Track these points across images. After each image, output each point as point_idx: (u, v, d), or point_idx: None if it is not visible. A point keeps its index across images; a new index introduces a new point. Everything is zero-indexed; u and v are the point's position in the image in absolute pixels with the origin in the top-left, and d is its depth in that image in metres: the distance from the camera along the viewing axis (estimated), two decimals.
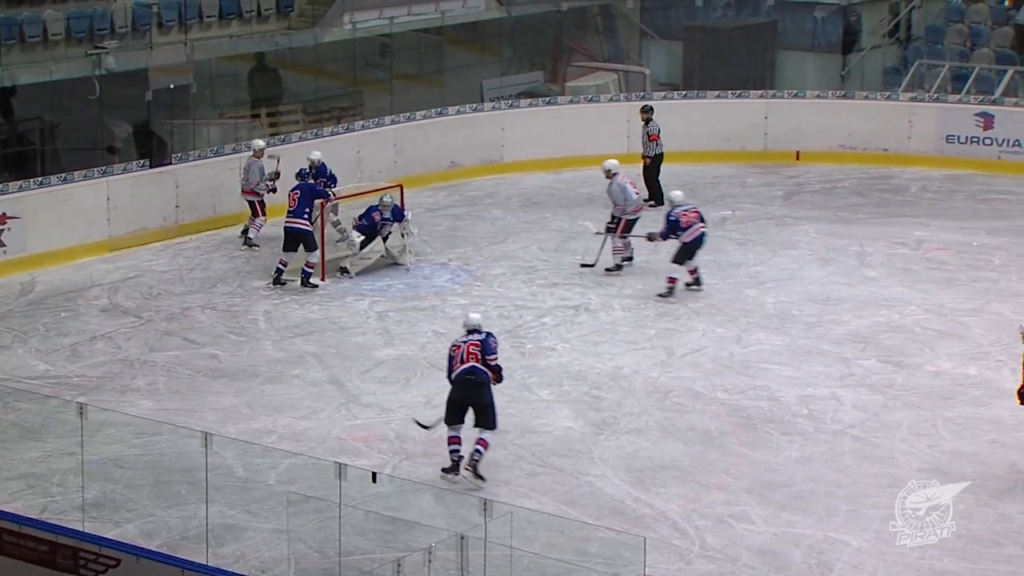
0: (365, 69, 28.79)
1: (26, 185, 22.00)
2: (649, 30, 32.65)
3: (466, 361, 14.84)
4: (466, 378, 14.83)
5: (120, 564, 12.86)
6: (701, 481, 15.11)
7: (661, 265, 21.49)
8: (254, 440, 15.39)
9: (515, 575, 11.97)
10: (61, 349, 18.60)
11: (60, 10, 24.63)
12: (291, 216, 20.58)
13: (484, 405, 14.82)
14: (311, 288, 20.48)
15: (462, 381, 14.86)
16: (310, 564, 12.99)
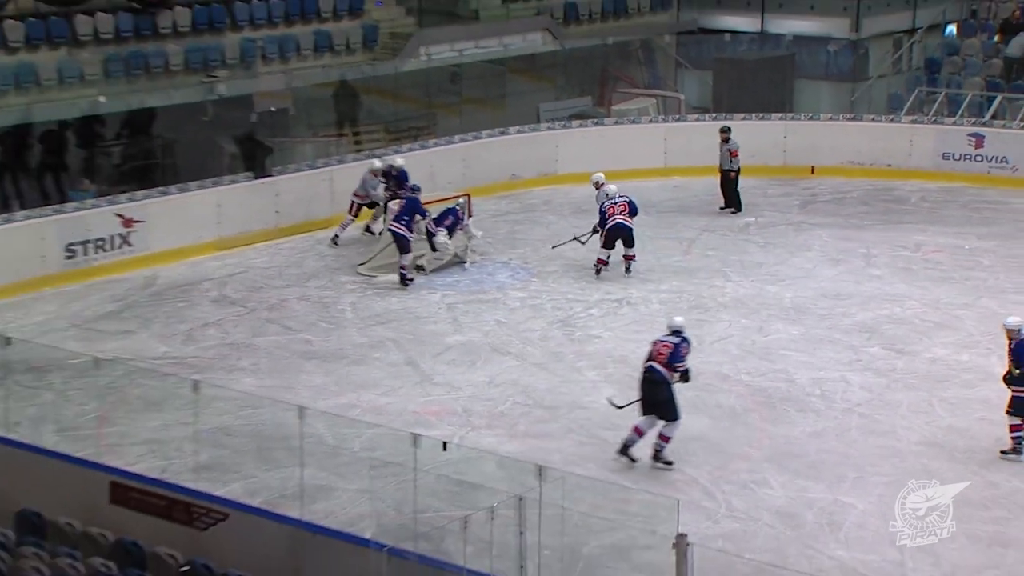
0: (438, 94, 28.85)
1: (150, 194, 22.14)
2: (683, 61, 32.58)
3: (653, 360, 14.55)
4: (645, 376, 14.59)
5: (227, 518, 12.93)
6: (727, 451, 15.06)
7: (694, 264, 21.45)
8: (341, 413, 15.44)
9: (565, 532, 11.94)
10: (178, 334, 18.71)
11: (180, 44, 24.77)
12: (393, 221, 20.55)
13: (660, 402, 14.50)
14: (408, 284, 20.37)
15: (643, 379, 14.62)
16: (389, 520, 13.01)
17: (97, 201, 21.54)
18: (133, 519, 13.23)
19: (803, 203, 24.85)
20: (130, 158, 25.32)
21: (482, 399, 16.46)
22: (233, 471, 14.44)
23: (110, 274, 20.88)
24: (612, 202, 20.85)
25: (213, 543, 12.86)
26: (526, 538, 11.32)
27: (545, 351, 18.03)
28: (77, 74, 23.43)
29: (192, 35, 25.13)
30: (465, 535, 11.16)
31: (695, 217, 24.07)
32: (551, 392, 16.67)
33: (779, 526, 13.44)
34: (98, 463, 14.04)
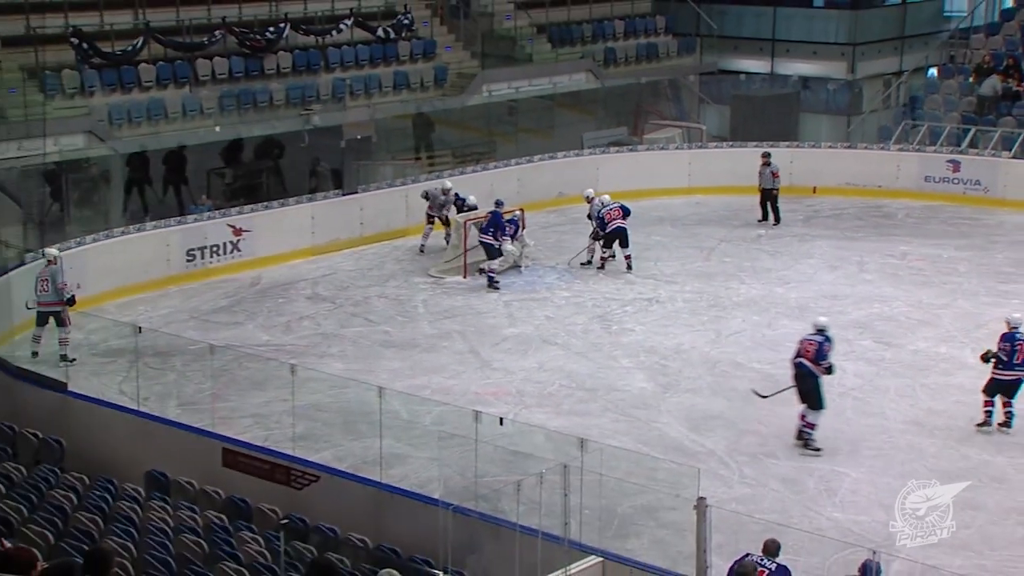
0: (497, 125, 28.84)
1: (256, 207, 22.27)
2: (705, 97, 32.42)
3: (801, 356, 14.29)
4: (796, 372, 14.34)
5: (320, 480, 13.03)
6: (741, 428, 14.98)
7: (713, 269, 21.35)
8: (414, 393, 15.47)
9: (603, 495, 11.94)
10: (278, 325, 18.82)
11: (282, 83, 24.89)
12: (481, 232, 20.45)
13: (806, 391, 14.25)
14: (495, 290, 20.14)
15: (794, 374, 14.38)
16: (454, 483, 13.04)
17: (213, 214, 21.70)
18: (241, 479, 13.35)
19: (806, 218, 24.65)
20: (240, 178, 25.53)
21: (533, 382, 16.45)
22: (324, 440, 14.51)
23: (223, 275, 21.04)
24: (608, 209, 21.02)
25: (307, 501, 12.96)
26: (570, 499, 11.30)
27: (586, 342, 18.00)
28: (197, 108, 23.61)
29: (292, 75, 25.25)
30: (518, 496, 11.18)
31: (714, 229, 23.95)
32: (591, 376, 16.64)
33: (784, 491, 13.36)
34: (212, 432, 14.20)
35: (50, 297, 16.83)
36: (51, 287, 16.80)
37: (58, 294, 16.76)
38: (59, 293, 16.76)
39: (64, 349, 16.71)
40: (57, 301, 16.80)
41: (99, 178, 23.64)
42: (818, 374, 14.28)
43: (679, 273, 21.15)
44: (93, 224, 21.58)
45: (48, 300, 16.85)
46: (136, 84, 23.17)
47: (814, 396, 14.26)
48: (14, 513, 10.93)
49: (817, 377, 14.27)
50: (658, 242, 23.06)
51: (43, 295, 16.85)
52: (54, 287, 16.79)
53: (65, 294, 16.80)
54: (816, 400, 14.26)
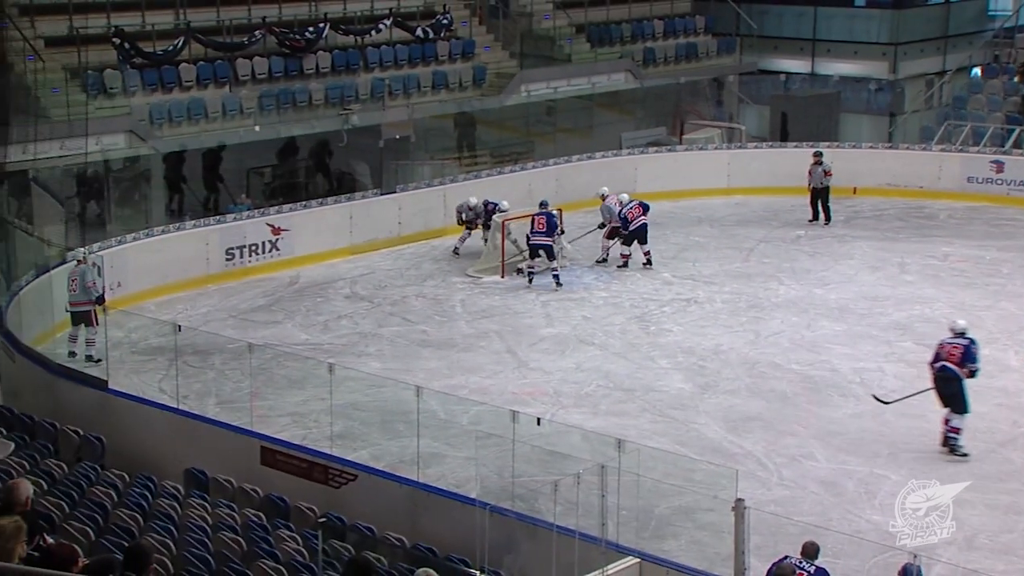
0: (535, 125, 28.85)
1: (294, 207, 22.38)
2: (745, 97, 32.29)
3: (945, 360, 14.14)
4: (938, 375, 14.19)
5: (357, 478, 13.07)
6: (779, 429, 14.91)
7: (752, 270, 21.26)
8: (451, 392, 15.51)
9: (640, 495, 11.91)
10: (316, 324, 18.91)
11: (321, 83, 25.00)
12: (537, 235, 20.32)
13: (950, 395, 14.11)
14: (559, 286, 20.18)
15: (936, 377, 14.21)
16: (491, 483, 13.02)
17: (252, 213, 21.82)
18: (279, 478, 13.42)
19: (847, 219, 24.48)
20: (279, 177, 25.67)
21: (570, 382, 16.44)
22: (361, 439, 14.56)
23: (261, 274, 21.17)
24: (630, 207, 21.13)
25: (345, 499, 13.01)
26: (607, 500, 11.30)
27: (624, 342, 17.97)
28: (237, 107, 23.76)
29: (331, 75, 25.35)
30: (555, 497, 11.17)
31: (753, 229, 23.84)
32: (629, 377, 16.61)
33: (823, 493, 13.28)
34: (251, 430, 14.27)
35: (79, 297, 16.95)
36: (79, 286, 16.91)
37: (87, 293, 16.86)
38: (87, 292, 16.85)
39: (90, 349, 16.81)
40: (86, 301, 16.89)
41: (140, 177, 23.84)
42: (962, 377, 14.10)
43: (718, 274, 21.06)
44: (134, 223, 21.77)
45: (77, 300, 16.98)
46: (177, 84, 23.36)
47: (959, 400, 14.08)
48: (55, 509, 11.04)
49: (961, 380, 14.09)
50: (696, 243, 22.98)
51: (72, 295, 16.99)
52: (83, 286, 16.89)
53: (93, 292, 16.87)
54: (961, 404, 14.07)
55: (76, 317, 17.03)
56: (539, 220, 20.46)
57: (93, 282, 16.91)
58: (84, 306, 16.92)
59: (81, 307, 16.94)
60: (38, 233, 19.31)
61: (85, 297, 16.89)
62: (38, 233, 19.31)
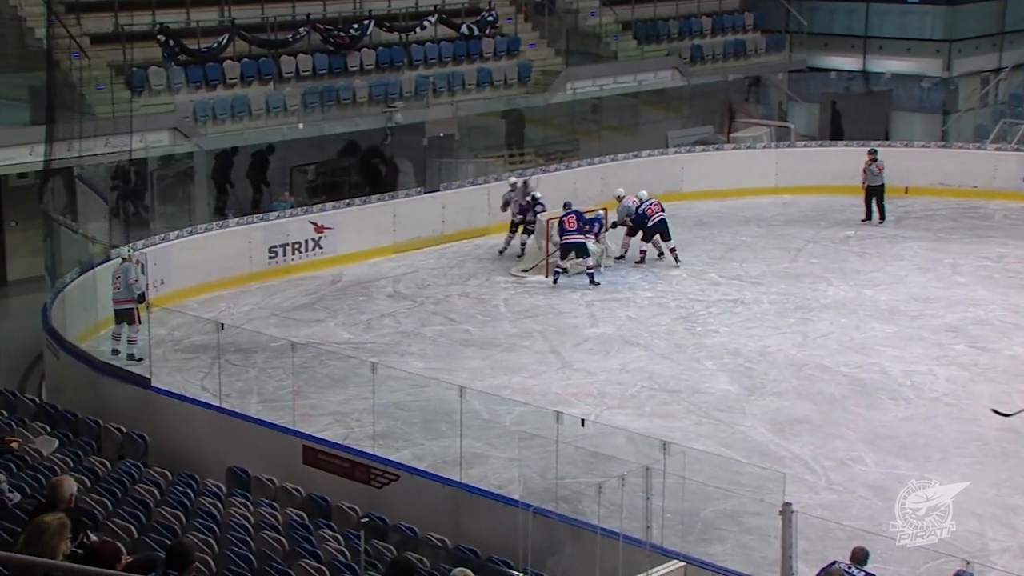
0: (581, 123, 28.83)
1: (338, 205, 22.48)
2: (794, 95, 32.09)
3: None
4: None
5: (399, 479, 13.12)
6: (827, 432, 14.80)
7: (800, 270, 21.13)
8: (494, 393, 15.48)
9: (685, 498, 11.87)
10: (359, 323, 18.97)
11: (365, 80, 25.11)
12: (568, 235, 20.31)
13: None
14: (595, 285, 20.18)
15: None
16: (535, 484, 13.02)
17: (295, 211, 21.94)
18: (321, 477, 13.49)
19: (897, 219, 24.26)
20: (323, 175, 25.80)
21: (615, 383, 16.40)
22: (403, 439, 14.58)
23: (304, 272, 21.27)
24: (648, 204, 21.39)
25: (387, 500, 13.07)
26: (652, 503, 11.26)
27: (669, 343, 17.90)
28: (281, 105, 23.91)
29: (376, 72, 25.45)
30: (599, 499, 11.15)
31: (802, 229, 23.68)
32: (674, 378, 16.55)
33: (872, 498, 13.16)
34: (293, 429, 14.36)
35: (121, 294, 17.05)
36: (123, 284, 17.02)
37: (129, 291, 16.94)
38: (130, 290, 16.93)
39: (132, 348, 16.86)
40: (128, 299, 16.97)
41: (183, 175, 24.04)
42: None
43: (765, 274, 20.94)
44: (177, 220, 21.95)
45: (120, 297, 17.08)
46: (221, 81, 23.54)
47: None
48: (99, 507, 11.15)
49: None
50: (744, 243, 22.86)
51: (116, 292, 17.11)
52: (125, 284, 16.99)
53: (135, 290, 16.94)
54: None
55: (119, 315, 17.17)
56: (569, 219, 20.48)
57: (136, 279, 17.02)
58: (127, 304, 17.04)
59: (123, 305, 17.05)
60: (82, 230, 19.50)
61: (128, 295, 17.01)
62: (82, 230, 19.50)
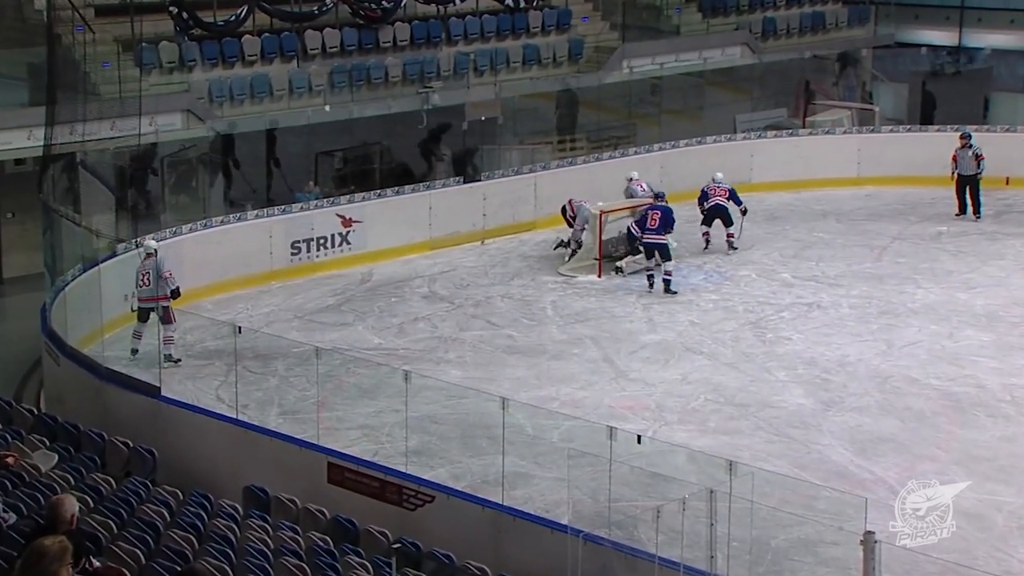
0: (638, 105, 28.78)
1: (368, 196, 22.56)
2: (879, 74, 31.87)
3: None
4: None
5: (434, 500, 13.14)
6: (915, 453, 14.68)
7: (885, 271, 20.98)
8: (541, 405, 15.49)
9: (755, 525, 11.81)
10: (391, 327, 19.04)
11: (399, 57, 25.20)
12: (650, 233, 20.25)
13: None
14: (672, 294, 20.02)
15: None
16: (584, 507, 13.02)
17: (320, 202, 22.04)
18: (348, 498, 13.54)
19: (997, 213, 24.02)
20: (350, 163, 25.90)
21: (675, 395, 16.35)
22: (440, 456, 14.61)
23: (330, 270, 21.37)
24: (716, 185, 21.93)
25: (420, 523, 13.09)
26: (716, 529, 11.21)
27: (736, 351, 17.83)
28: (305, 85, 24.03)
29: (410, 49, 25.54)
30: (657, 524, 11.12)
31: (886, 225, 23.51)
32: (741, 391, 16.48)
33: (967, 527, 13.00)
34: (317, 445, 14.42)
35: (150, 291, 17.17)
36: (152, 280, 17.13)
37: (160, 287, 17.05)
38: (162, 286, 17.05)
39: (169, 348, 17.00)
40: (160, 296, 17.09)
41: (197, 162, 24.21)
42: None
43: (844, 275, 20.82)
44: (190, 212, 22.11)
45: (148, 295, 17.18)
46: (239, 58, 23.69)
47: None
48: (102, 529, 11.24)
49: None
50: (820, 239, 22.74)
51: (143, 289, 17.23)
52: (156, 279, 17.09)
53: (170, 284, 17.07)
54: None
55: (144, 313, 17.25)
56: (653, 215, 20.33)
57: (169, 271, 17.11)
58: (156, 301, 17.06)
59: (151, 303, 17.11)
60: (86, 223, 19.68)
61: (156, 292, 17.04)
62: (86, 223, 19.68)
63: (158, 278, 17.11)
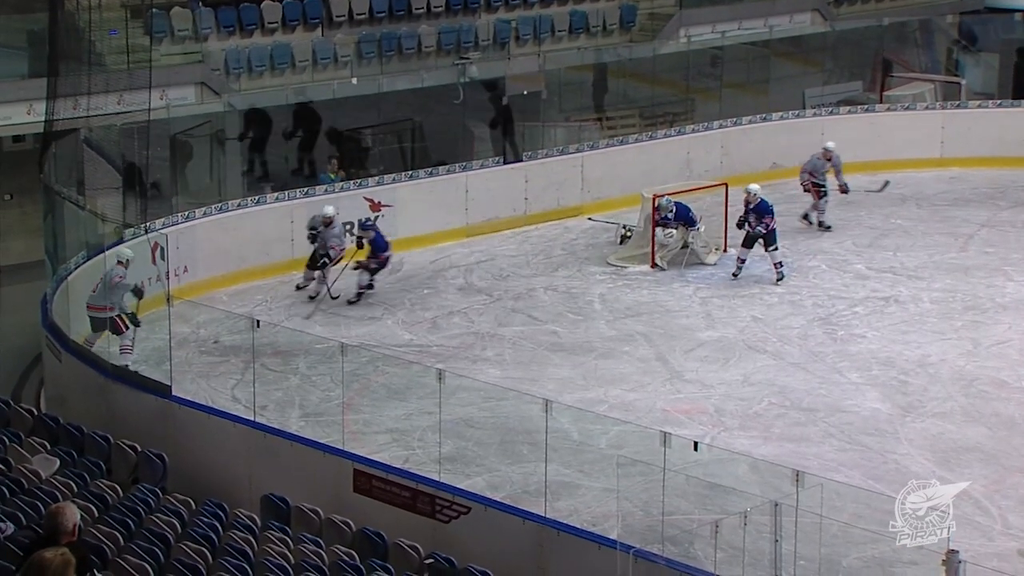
0: (697, 78, 28.63)
1: (398, 178, 22.61)
2: (966, 43, 31.63)
3: None
4: None
5: (470, 512, 13.17)
6: (1005, 464, 14.62)
7: (971, 262, 20.86)
8: (588, 408, 15.49)
9: (824, 542, 11.78)
10: (423, 321, 19.09)
11: (433, 25, 25.22)
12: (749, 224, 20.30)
13: None
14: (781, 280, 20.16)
15: None
16: (635, 521, 13.02)
17: (346, 184, 22.09)
18: (376, 509, 13.59)
19: None
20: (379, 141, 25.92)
21: (735, 398, 16.33)
22: (476, 464, 14.66)
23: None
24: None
25: (455, 537, 13.12)
26: (781, 546, 11.20)
27: (804, 350, 17.78)
28: (330, 56, 24.09)
29: (446, 16, 25.55)
30: (716, 540, 11.12)
31: (973, 211, 23.35)
32: (810, 393, 16.44)
33: None
34: (342, 450, 14.47)
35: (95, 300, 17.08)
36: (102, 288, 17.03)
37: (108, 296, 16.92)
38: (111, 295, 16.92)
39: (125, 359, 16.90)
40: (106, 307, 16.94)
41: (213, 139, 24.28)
42: None
43: (925, 266, 20.73)
44: (205, 196, 22.20)
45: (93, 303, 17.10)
46: (258, 26, 23.78)
47: None
48: (108, 541, 11.33)
49: None
50: (899, 226, 22.64)
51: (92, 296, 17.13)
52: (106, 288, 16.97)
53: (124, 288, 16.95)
54: None
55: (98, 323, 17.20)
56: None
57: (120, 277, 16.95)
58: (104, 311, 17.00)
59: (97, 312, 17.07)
60: (91, 206, 19.81)
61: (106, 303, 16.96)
62: (91, 206, 19.81)
63: (108, 286, 17.01)
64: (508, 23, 25.94)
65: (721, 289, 20.06)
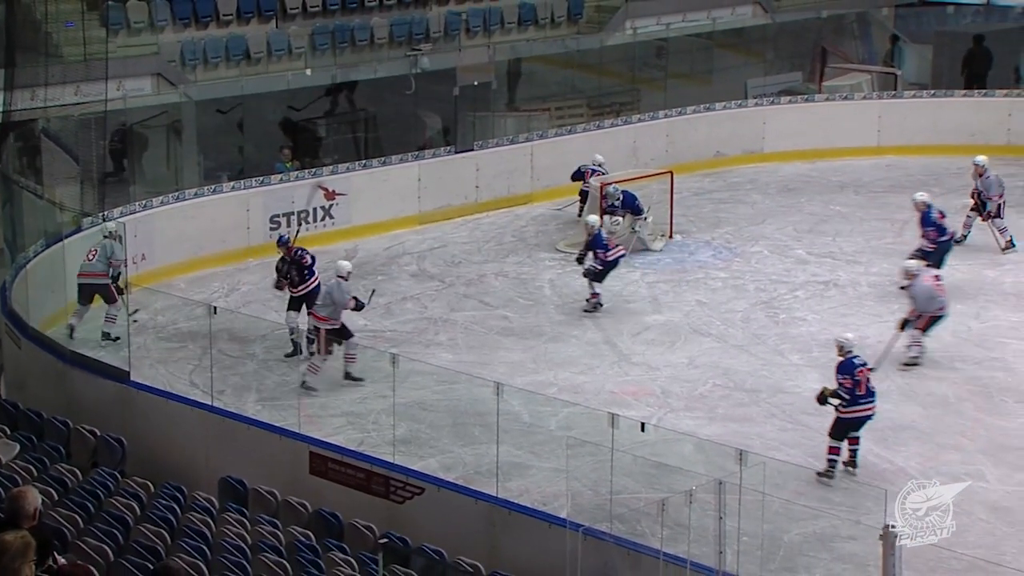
0: (643, 69, 28.67)
1: (352, 167, 22.54)
2: (901, 35, 31.80)
3: None
4: None
5: (424, 492, 13.18)
6: (938, 442, 14.73)
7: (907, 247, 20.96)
8: (538, 391, 15.52)
9: (766, 518, 11.84)
10: (377, 307, 18.97)
11: (385, 17, 25.10)
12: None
13: None
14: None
15: None
16: (584, 500, 13.06)
17: (301, 173, 22.00)
18: (331, 490, 13.58)
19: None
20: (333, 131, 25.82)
21: (681, 380, 16.39)
22: (429, 446, 14.65)
23: (312, 246, 21.21)
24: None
25: (409, 517, 13.13)
26: (725, 523, 11.25)
27: (747, 333, 17.86)
28: (285, 47, 23.95)
29: (398, 8, 25.44)
30: (662, 518, 11.16)
31: (909, 197, 23.37)
32: (752, 375, 16.52)
33: (995, 521, 13.09)
34: (298, 433, 14.44)
35: (95, 267, 17.23)
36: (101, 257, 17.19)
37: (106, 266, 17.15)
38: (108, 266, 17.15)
39: (109, 327, 17.19)
40: (102, 272, 17.19)
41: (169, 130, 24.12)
42: None
43: (863, 251, 20.86)
44: (161, 185, 22.06)
45: (93, 270, 17.26)
46: (214, 18, 23.59)
47: None
48: (68, 524, 11.27)
49: None
50: (838, 213, 22.76)
51: (86, 264, 17.27)
52: (105, 259, 17.19)
53: (113, 271, 17.15)
54: None
55: (86, 291, 17.30)
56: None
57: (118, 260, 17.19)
58: (99, 278, 17.18)
59: (95, 279, 17.20)
60: (49, 195, 19.65)
61: (102, 269, 17.17)
62: (49, 195, 19.65)
63: (107, 258, 17.17)
64: (458, 15, 25.88)
65: (667, 275, 20.12)
